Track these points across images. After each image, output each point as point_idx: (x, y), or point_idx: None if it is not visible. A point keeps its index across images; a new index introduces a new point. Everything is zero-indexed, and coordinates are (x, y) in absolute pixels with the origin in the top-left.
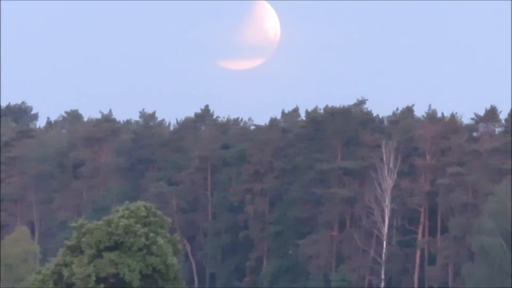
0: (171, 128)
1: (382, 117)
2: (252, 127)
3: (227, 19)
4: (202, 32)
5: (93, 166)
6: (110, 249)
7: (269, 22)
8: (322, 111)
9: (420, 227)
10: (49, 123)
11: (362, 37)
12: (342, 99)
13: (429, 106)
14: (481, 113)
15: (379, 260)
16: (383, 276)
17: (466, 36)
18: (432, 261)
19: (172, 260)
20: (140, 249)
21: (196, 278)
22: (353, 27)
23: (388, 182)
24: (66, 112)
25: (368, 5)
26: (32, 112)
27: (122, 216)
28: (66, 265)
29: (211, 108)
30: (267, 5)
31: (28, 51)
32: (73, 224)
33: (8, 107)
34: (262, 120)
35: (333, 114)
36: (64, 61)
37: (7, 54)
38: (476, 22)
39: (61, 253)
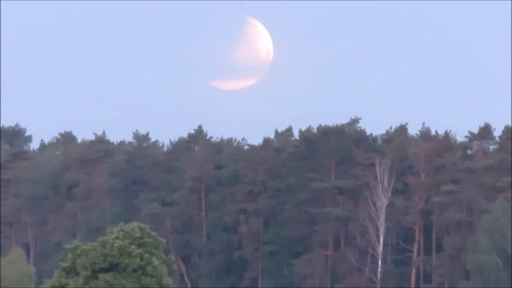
0: (165, 148)
1: (375, 136)
2: (246, 147)
3: (220, 39)
4: (194, 52)
5: (87, 187)
6: (105, 270)
7: (262, 42)
8: (315, 130)
9: (415, 246)
10: (42, 145)
11: (355, 56)
12: (335, 118)
13: (423, 124)
14: (475, 130)
15: (374, 279)
16: None
17: (460, 54)
18: (427, 279)
19: (167, 280)
20: (135, 270)
21: None
22: (345, 46)
23: (383, 201)
24: (59, 134)
25: (360, 24)
26: (26, 134)
27: (117, 237)
28: (61, 286)
29: (204, 128)
30: (259, 24)
31: (21, 74)
32: (68, 246)
33: (2, 129)
34: (255, 140)
35: (327, 133)
36: (57, 83)
37: (0, 75)
38: (470, 40)
39: (56, 275)
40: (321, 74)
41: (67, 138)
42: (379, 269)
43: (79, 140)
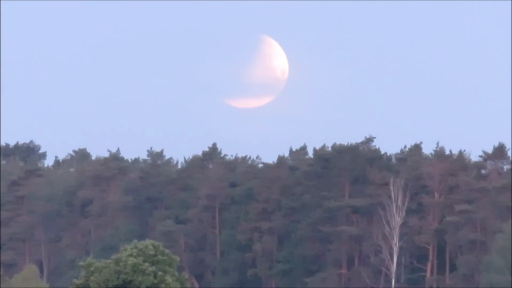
0: (179, 166)
1: (390, 155)
2: (260, 165)
3: (235, 57)
4: (209, 70)
5: (101, 204)
6: None
7: (277, 60)
8: (330, 149)
9: (429, 265)
10: (57, 162)
11: (369, 75)
12: (350, 137)
13: (437, 143)
14: (489, 150)
15: None
16: None
17: (475, 74)
18: None
19: None
20: None
21: None
22: (361, 64)
23: (396, 220)
24: (74, 151)
25: (375, 43)
26: (40, 151)
27: (130, 255)
28: None
29: (218, 146)
30: (274, 43)
31: (36, 90)
32: (82, 263)
33: (16, 146)
34: (269, 158)
35: (341, 152)
36: (72, 100)
37: (15, 92)
38: (485, 60)
39: None
40: (335, 92)
41: (82, 155)
42: None
43: (93, 157)
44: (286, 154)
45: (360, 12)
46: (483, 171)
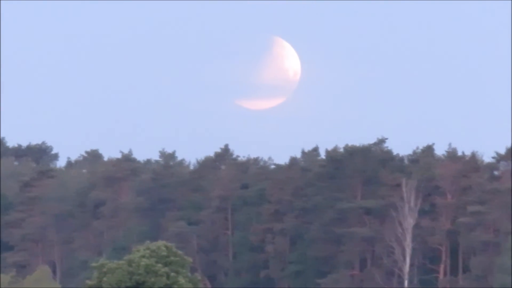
0: (191, 167)
1: (402, 156)
2: (272, 166)
3: (247, 59)
4: (221, 71)
5: (114, 205)
6: None
7: (289, 62)
8: (342, 150)
9: (441, 266)
10: (69, 163)
11: (381, 76)
12: (362, 138)
13: (449, 144)
14: (502, 151)
15: None
16: None
17: (488, 75)
18: None
19: None
20: None
21: None
22: (373, 65)
23: (409, 221)
24: (86, 152)
25: (388, 44)
26: (52, 152)
27: (143, 256)
28: None
29: (230, 147)
30: (286, 44)
31: (48, 91)
32: (94, 264)
33: (29, 147)
34: (281, 159)
35: (353, 153)
36: (84, 101)
37: (27, 93)
38: (500, 61)
39: None
40: (348, 93)
41: (94, 156)
42: None
43: (105, 159)
44: (298, 155)
45: (373, 13)
46: (495, 172)
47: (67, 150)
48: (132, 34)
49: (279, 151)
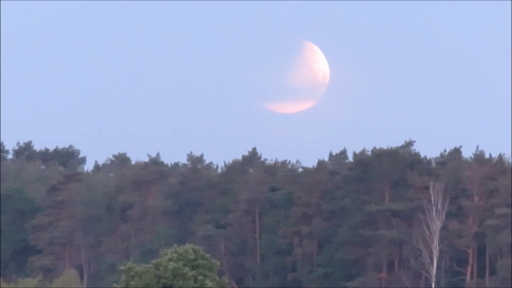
0: (219, 171)
1: (429, 159)
2: (300, 170)
3: (276, 62)
4: (250, 75)
5: (141, 209)
6: None
7: (318, 65)
8: (369, 153)
9: (469, 269)
10: (96, 166)
11: (410, 79)
12: (389, 141)
13: (477, 147)
14: None
15: None
16: None
17: None
18: None
19: None
20: None
21: None
22: (401, 68)
23: (436, 224)
24: (113, 156)
25: (416, 47)
26: (80, 156)
27: (171, 259)
28: None
29: (258, 150)
30: (316, 48)
31: (77, 95)
32: (122, 268)
33: (56, 150)
34: (309, 162)
35: (381, 156)
36: (113, 105)
37: (55, 97)
38: None
39: None
40: (376, 97)
41: (121, 160)
42: None
43: (133, 162)
44: (326, 159)
45: (403, 15)
46: None
47: (95, 153)
48: (162, 37)
49: (307, 154)
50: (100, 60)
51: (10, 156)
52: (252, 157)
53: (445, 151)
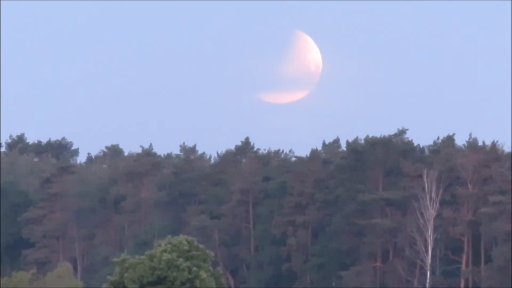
0: (212, 161)
1: (423, 147)
2: (293, 159)
3: (268, 52)
4: (243, 65)
5: (135, 200)
6: (153, 283)
7: (311, 55)
8: (363, 141)
9: (464, 257)
10: (89, 158)
11: (402, 67)
12: (382, 129)
13: (470, 135)
14: None
15: None
16: None
17: (507, 64)
18: None
19: None
20: (183, 283)
21: None
22: (393, 57)
23: (431, 212)
24: (106, 147)
25: (407, 36)
26: (73, 148)
27: (165, 251)
28: None
29: (251, 140)
30: (308, 38)
31: (67, 88)
32: (116, 259)
33: (49, 143)
34: (303, 151)
35: (374, 144)
36: (104, 97)
37: (47, 89)
38: None
39: None
40: (368, 85)
41: (114, 152)
42: (428, 281)
43: (126, 153)
44: (319, 148)
45: (393, 5)
46: None
47: (87, 145)
48: (154, 26)
49: (300, 143)
50: (92, 53)
51: (3, 149)
52: (245, 147)
53: (438, 138)
